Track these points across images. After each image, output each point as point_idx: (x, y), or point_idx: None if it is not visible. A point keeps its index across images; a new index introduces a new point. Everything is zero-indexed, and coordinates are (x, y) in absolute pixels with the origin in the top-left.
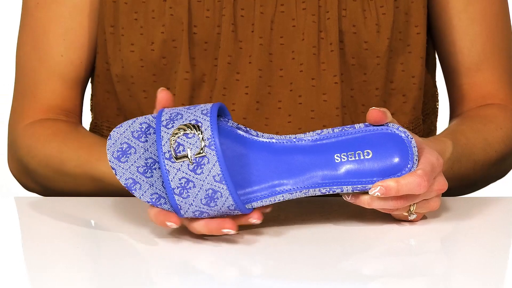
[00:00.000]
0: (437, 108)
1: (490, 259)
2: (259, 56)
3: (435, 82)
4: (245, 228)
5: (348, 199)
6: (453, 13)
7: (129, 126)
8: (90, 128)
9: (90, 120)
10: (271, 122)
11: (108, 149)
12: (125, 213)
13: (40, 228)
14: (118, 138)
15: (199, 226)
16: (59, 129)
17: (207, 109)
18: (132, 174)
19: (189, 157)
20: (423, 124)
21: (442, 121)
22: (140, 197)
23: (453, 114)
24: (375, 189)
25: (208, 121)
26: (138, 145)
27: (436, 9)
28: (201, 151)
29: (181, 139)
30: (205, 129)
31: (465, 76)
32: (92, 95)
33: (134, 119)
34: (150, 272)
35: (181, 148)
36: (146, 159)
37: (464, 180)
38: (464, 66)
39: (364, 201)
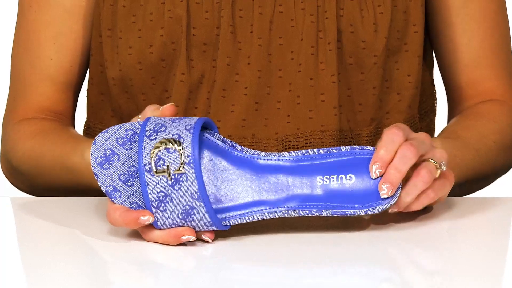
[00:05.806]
0: (435, 106)
1: (489, 259)
2: (258, 56)
3: (433, 80)
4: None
5: (390, 211)
6: (452, 9)
7: (115, 132)
8: (83, 129)
9: (83, 121)
10: (270, 122)
11: (91, 154)
12: None
13: (35, 228)
14: (103, 144)
15: (155, 236)
16: (43, 125)
17: (191, 124)
18: (113, 182)
19: (169, 172)
20: (422, 122)
21: (441, 120)
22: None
23: (452, 113)
24: (383, 191)
25: (190, 137)
26: (122, 152)
27: (434, 6)
28: (181, 168)
29: (162, 153)
30: (186, 146)
31: (463, 74)
32: (87, 97)
33: (120, 125)
34: (144, 271)
35: (161, 162)
36: (128, 167)
37: (473, 171)
38: (462, 63)
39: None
